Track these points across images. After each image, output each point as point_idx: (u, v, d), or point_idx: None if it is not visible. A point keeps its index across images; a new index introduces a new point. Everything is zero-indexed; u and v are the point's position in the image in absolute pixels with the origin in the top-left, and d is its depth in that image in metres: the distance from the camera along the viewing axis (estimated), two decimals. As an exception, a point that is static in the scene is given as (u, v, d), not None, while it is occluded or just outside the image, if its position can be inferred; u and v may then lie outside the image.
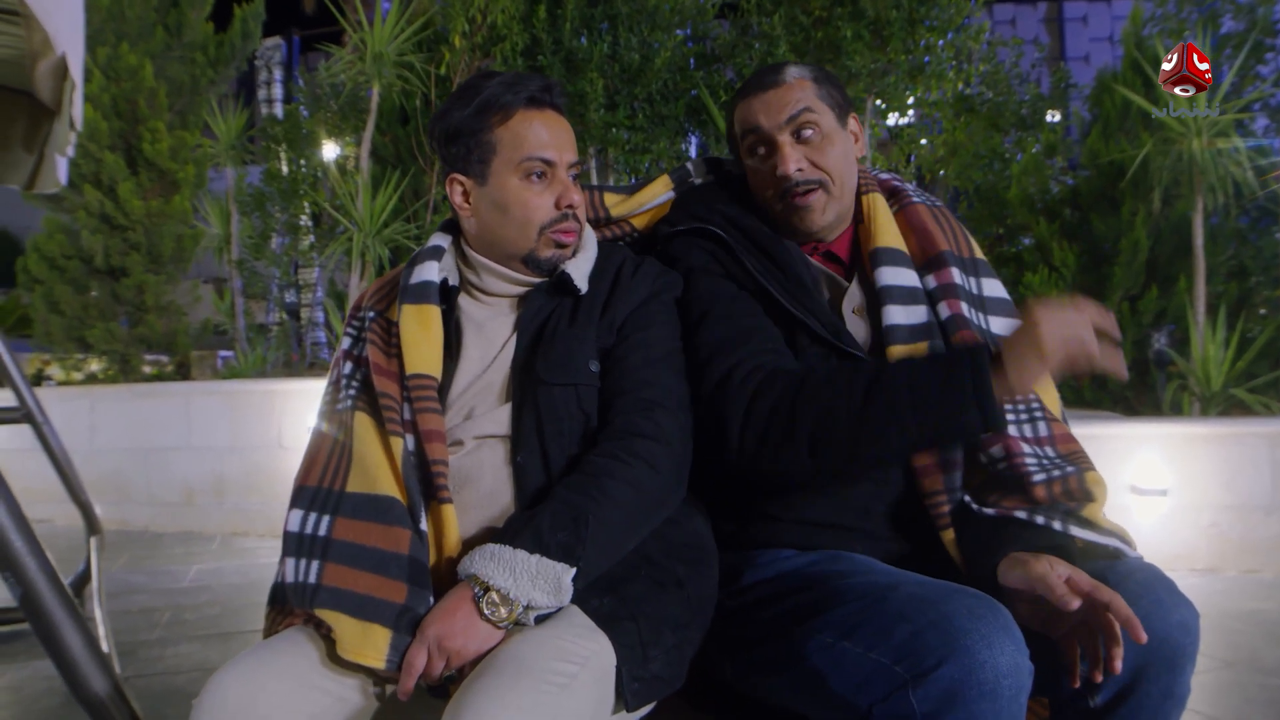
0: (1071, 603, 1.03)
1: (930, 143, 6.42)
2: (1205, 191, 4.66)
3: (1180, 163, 4.69)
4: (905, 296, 1.36)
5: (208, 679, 1.04)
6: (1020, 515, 1.20)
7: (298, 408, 4.82)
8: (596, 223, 1.53)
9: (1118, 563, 1.17)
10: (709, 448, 1.31)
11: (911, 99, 6.10)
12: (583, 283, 1.34)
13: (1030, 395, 1.31)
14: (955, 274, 1.39)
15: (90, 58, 5.76)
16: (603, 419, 1.27)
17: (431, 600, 1.12)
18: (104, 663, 1.13)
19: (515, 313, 1.36)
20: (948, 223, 1.47)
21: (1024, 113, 6.42)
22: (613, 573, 1.18)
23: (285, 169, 6.76)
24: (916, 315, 1.34)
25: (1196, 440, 3.99)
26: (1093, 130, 5.65)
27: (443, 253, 1.39)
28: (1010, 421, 1.28)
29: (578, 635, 1.07)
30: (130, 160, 5.92)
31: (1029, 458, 1.24)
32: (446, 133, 1.35)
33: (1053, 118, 6.74)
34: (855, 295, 1.42)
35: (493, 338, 1.35)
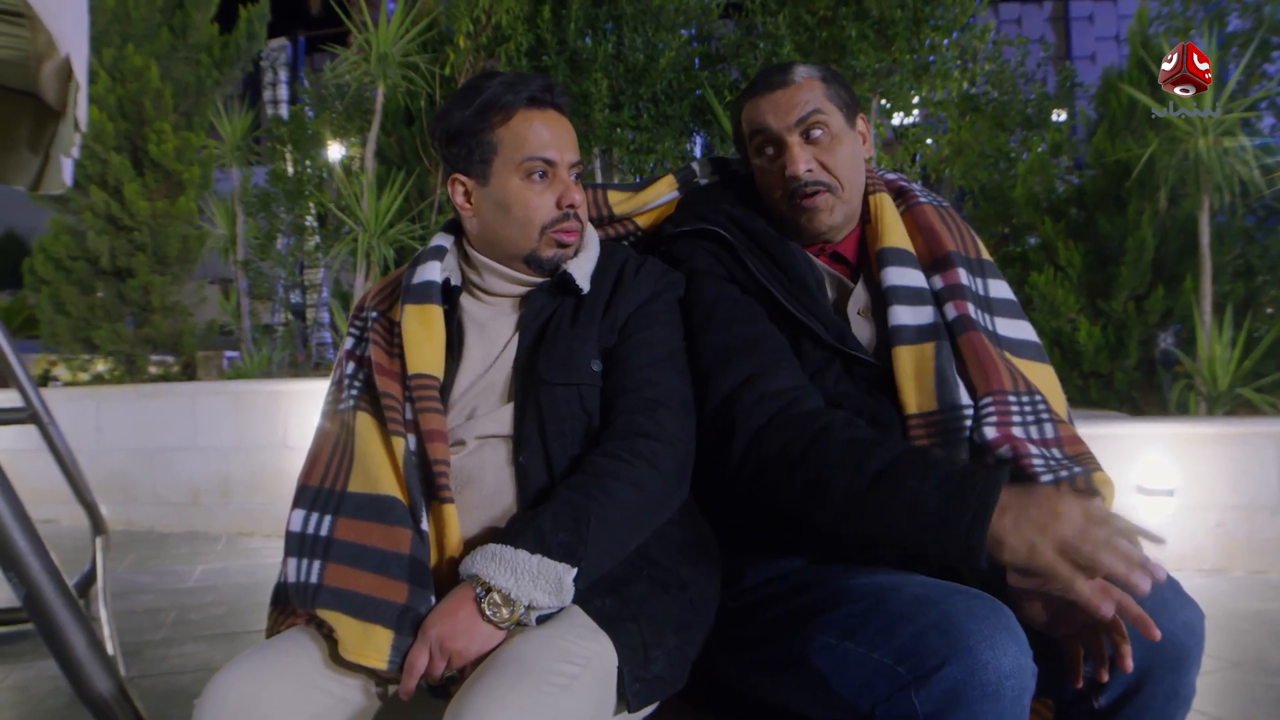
0: (1107, 604, 0.98)
1: (935, 142, 6.41)
2: (1211, 190, 4.65)
3: (1186, 162, 4.68)
4: (912, 297, 1.35)
5: (210, 679, 1.04)
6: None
7: (303, 408, 4.83)
8: (600, 221, 1.53)
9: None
10: (710, 451, 1.31)
11: (916, 98, 6.09)
12: (585, 282, 1.34)
13: (1036, 395, 1.30)
14: (962, 274, 1.38)
15: (96, 59, 5.78)
16: (605, 419, 1.27)
17: (433, 601, 1.12)
18: (108, 663, 1.13)
19: (517, 313, 1.36)
20: (954, 223, 1.46)
21: (1029, 112, 6.41)
22: (615, 573, 1.17)
23: (290, 170, 6.78)
24: (923, 316, 1.34)
25: (1203, 440, 3.98)
26: (1098, 129, 5.63)
27: (445, 253, 1.39)
28: (1017, 423, 1.27)
29: (579, 636, 1.06)
30: (136, 161, 5.94)
31: (1036, 459, 1.23)
32: (448, 133, 1.34)
33: (1058, 117, 6.72)
34: (861, 296, 1.41)
35: (495, 338, 1.34)
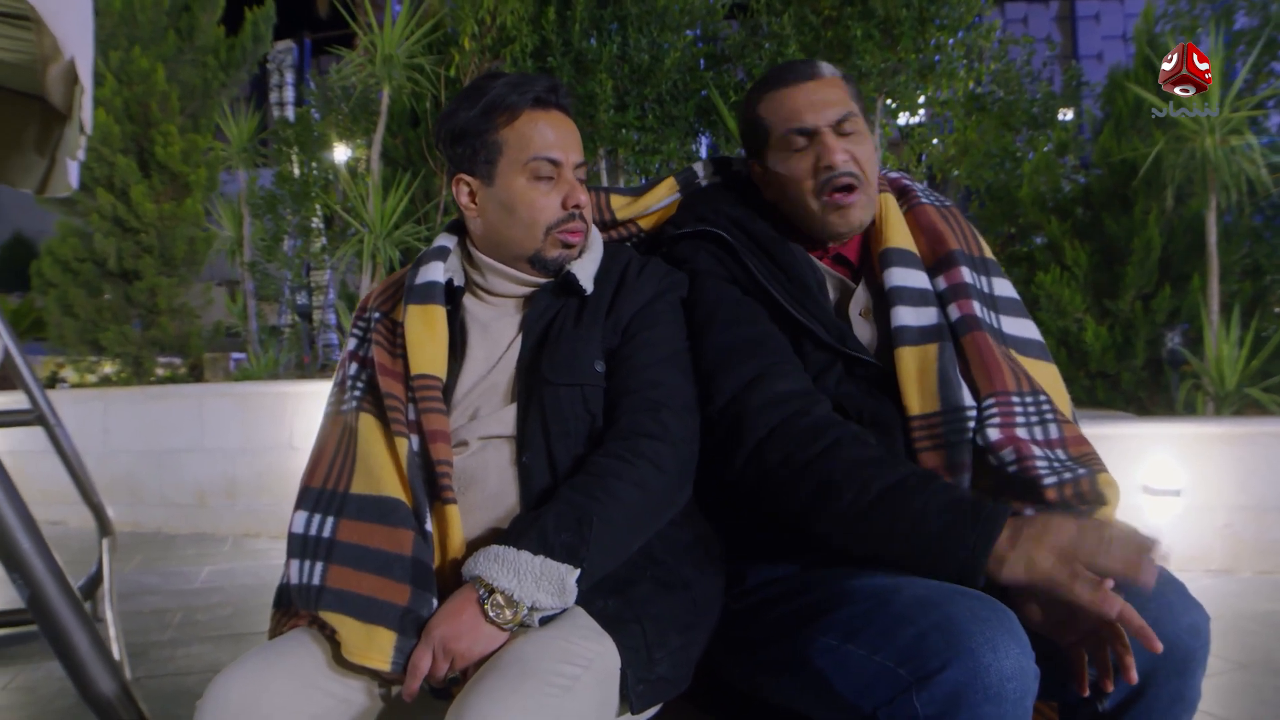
0: (1100, 590, 0.99)
1: (941, 142, 6.40)
2: (1219, 189, 4.63)
3: (1193, 161, 4.66)
4: (915, 298, 1.35)
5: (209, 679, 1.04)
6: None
7: (309, 409, 4.83)
8: (602, 226, 1.52)
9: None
10: (712, 452, 1.31)
11: (922, 98, 6.07)
12: (588, 283, 1.34)
13: (1040, 395, 1.30)
14: (966, 273, 1.37)
15: (102, 61, 5.80)
16: (608, 419, 1.27)
17: (435, 602, 1.12)
18: (112, 663, 1.13)
19: (520, 313, 1.36)
20: (956, 222, 1.46)
21: (1035, 111, 6.39)
22: (618, 574, 1.17)
23: (297, 171, 6.79)
24: (927, 317, 1.33)
25: (1210, 440, 3.96)
26: (1105, 128, 5.61)
27: (448, 253, 1.39)
28: (1020, 424, 1.27)
29: (582, 637, 1.06)
30: (142, 163, 5.96)
31: (1040, 460, 1.23)
32: (453, 133, 1.34)
33: (1065, 116, 6.71)
34: (862, 297, 1.41)
35: (498, 338, 1.34)
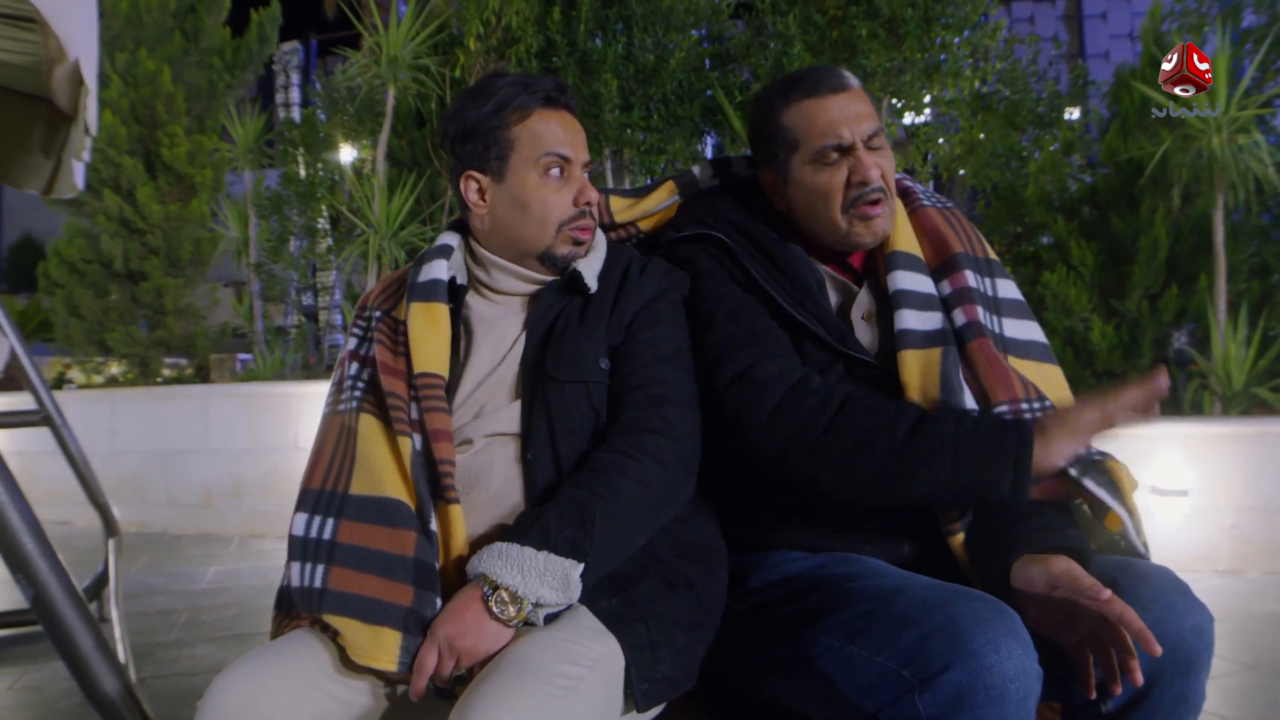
0: (1102, 592, 1.02)
1: (947, 141, 6.38)
2: (1226, 188, 4.60)
3: (1200, 159, 4.64)
4: (921, 302, 1.34)
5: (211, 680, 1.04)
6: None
7: (315, 410, 4.80)
8: (602, 228, 1.53)
9: (1130, 566, 1.15)
10: (719, 446, 1.31)
11: (928, 97, 6.06)
12: (593, 281, 1.34)
13: (1046, 402, 1.30)
14: (970, 277, 1.37)
15: (109, 63, 5.82)
16: (612, 416, 1.27)
17: (439, 602, 1.12)
18: (115, 664, 1.14)
19: (525, 311, 1.37)
20: (959, 224, 1.46)
21: (1041, 110, 6.37)
22: (621, 573, 1.17)
23: (303, 172, 6.81)
24: (931, 321, 1.33)
25: (1218, 440, 3.94)
26: (1111, 127, 5.59)
27: (451, 251, 1.39)
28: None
29: (586, 638, 1.07)
30: (149, 165, 5.97)
31: None
32: (462, 130, 1.35)
33: (1071, 115, 6.68)
34: (864, 301, 1.41)
35: (503, 336, 1.35)
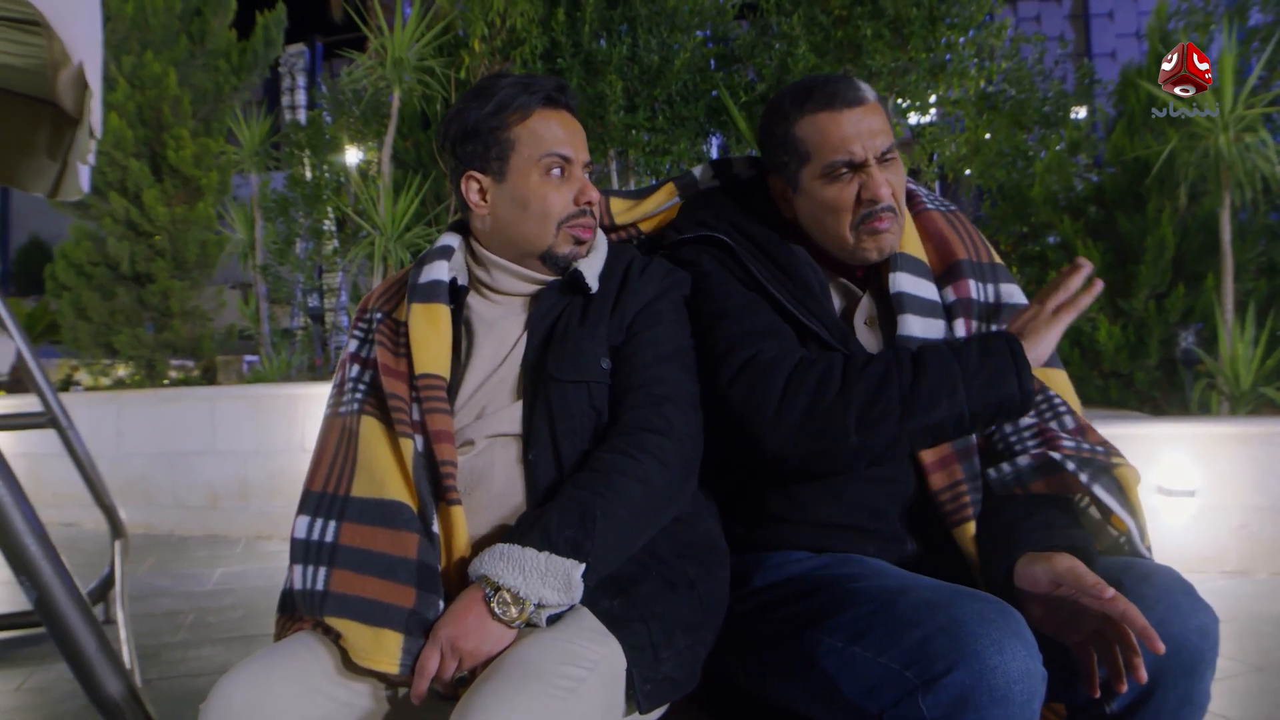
0: (1106, 590, 1.02)
1: (953, 141, 6.37)
2: (1233, 187, 4.59)
3: (1207, 158, 4.62)
4: (924, 308, 1.34)
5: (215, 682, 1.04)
6: (1054, 456, 1.20)
7: (321, 412, 4.83)
8: (603, 229, 1.53)
9: (1134, 566, 1.15)
10: (722, 446, 1.30)
11: (933, 97, 6.05)
12: (594, 281, 1.34)
13: (1049, 391, 1.30)
14: (972, 286, 1.37)
15: (115, 66, 5.84)
16: (613, 416, 1.27)
17: (441, 604, 1.12)
18: (119, 665, 1.14)
19: (526, 311, 1.36)
20: (963, 228, 1.45)
21: (1047, 110, 6.36)
22: (623, 573, 1.17)
23: (309, 174, 6.83)
24: (934, 329, 1.33)
25: (1225, 440, 3.93)
26: (1117, 126, 5.58)
27: (452, 252, 1.39)
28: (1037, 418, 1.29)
29: (587, 639, 1.06)
30: (155, 167, 6.00)
31: (1065, 440, 1.24)
32: (464, 131, 1.35)
33: (1077, 114, 6.67)
34: (867, 306, 1.40)
35: (504, 336, 1.34)
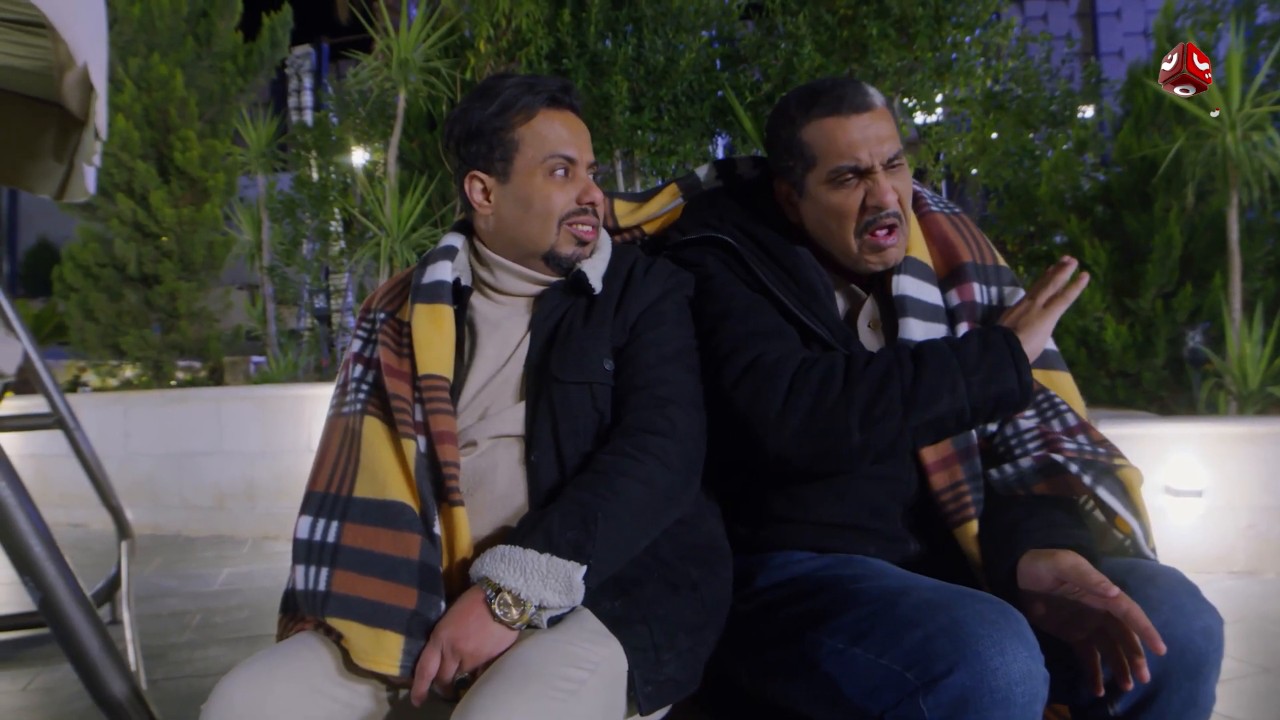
0: (1109, 590, 1.02)
1: (959, 141, 6.35)
2: (1240, 186, 4.57)
3: (1214, 157, 4.61)
4: (927, 312, 1.34)
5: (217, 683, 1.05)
6: (1057, 459, 1.20)
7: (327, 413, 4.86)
8: (607, 231, 1.52)
9: (1139, 567, 1.14)
10: (725, 447, 1.30)
11: (939, 97, 6.04)
12: (597, 282, 1.34)
13: (1049, 392, 1.30)
14: (976, 290, 1.37)
15: (122, 68, 5.86)
16: (615, 417, 1.27)
17: (443, 605, 1.12)
18: (123, 666, 1.14)
19: (530, 312, 1.36)
20: (968, 230, 1.45)
21: (1054, 109, 6.34)
22: (625, 575, 1.17)
23: (315, 175, 6.84)
24: (936, 333, 1.33)
25: (1233, 440, 3.91)
26: (1124, 125, 5.56)
27: (456, 252, 1.39)
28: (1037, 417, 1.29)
29: (588, 641, 1.06)
30: (162, 169, 6.02)
31: (1067, 441, 1.24)
32: (467, 131, 1.35)
33: (1084, 113, 6.64)
34: (871, 309, 1.40)
35: (508, 337, 1.34)
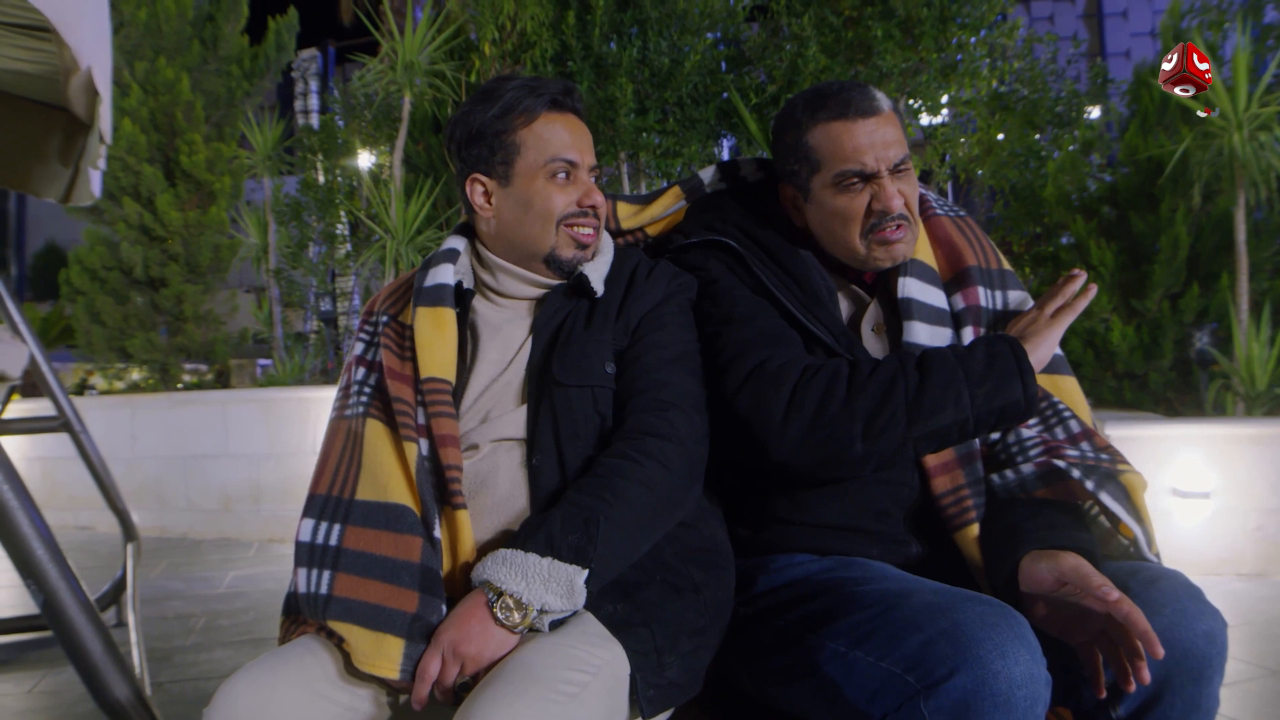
0: (1111, 593, 1.01)
1: (965, 142, 6.34)
2: (1247, 186, 4.54)
3: (1221, 157, 4.59)
4: (932, 316, 1.34)
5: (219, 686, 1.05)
6: (1059, 464, 1.20)
7: (333, 415, 4.87)
8: (609, 234, 1.53)
9: (1142, 570, 1.14)
10: (726, 449, 1.30)
11: (945, 98, 6.02)
12: (599, 285, 1.34)
13: (1053, 398, 1.29)
14: (981, 294, 1.37)
15: (128, 72, 5.89)
16: (617, 420, 1.27)
17: (445, 609, 1.12)
18: (126, 669, 1.15)
19: (531, 315, 1.36)
20: (973, 233, 1.45)
21: (1060, 110, 6.32)
22: (627, 578, 1.17)
23: (321, 178, 6.84)
24: (940, 337, 1.33)
25: (1240, 441, 3.89)
26: (1130, 126, 5.54)
27: (458, 255, 1.39)
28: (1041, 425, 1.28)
29: (590, 644, 1.06)
30: (168, 172, 6.04)
31: (1069, 449, 1.24)
32: (469, 134, 1.35)
33: (1090, 114, 6.62)
34: (875, 313, 1.40)
35: (509, 340, 1.35)
